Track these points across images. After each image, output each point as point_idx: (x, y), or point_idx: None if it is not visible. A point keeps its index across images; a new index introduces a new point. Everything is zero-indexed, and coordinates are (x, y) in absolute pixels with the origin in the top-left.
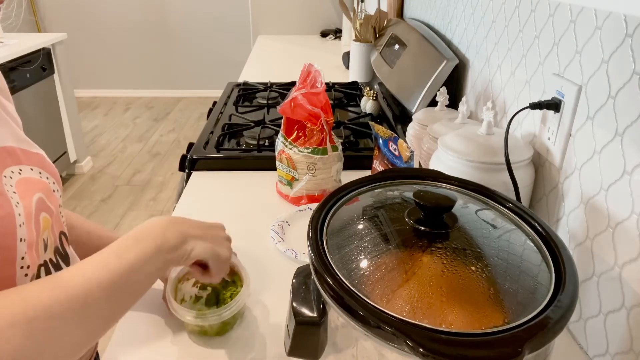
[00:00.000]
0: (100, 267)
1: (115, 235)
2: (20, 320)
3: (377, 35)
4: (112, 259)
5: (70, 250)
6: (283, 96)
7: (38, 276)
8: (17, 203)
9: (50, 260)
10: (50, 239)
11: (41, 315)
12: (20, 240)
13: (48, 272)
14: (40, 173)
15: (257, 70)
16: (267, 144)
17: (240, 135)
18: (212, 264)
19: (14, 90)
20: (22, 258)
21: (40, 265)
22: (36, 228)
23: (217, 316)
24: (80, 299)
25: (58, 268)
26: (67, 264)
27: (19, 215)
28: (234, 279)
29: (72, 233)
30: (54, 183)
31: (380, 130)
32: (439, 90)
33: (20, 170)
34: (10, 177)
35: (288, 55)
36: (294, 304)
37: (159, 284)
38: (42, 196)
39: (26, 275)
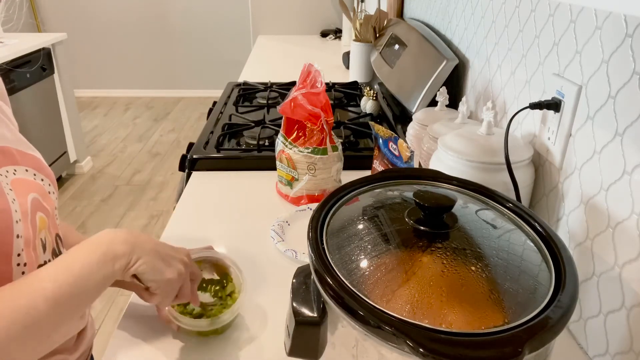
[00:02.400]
0: (49, 279)
1: None
2: None
3: (377, 35)
4: (61, 271)
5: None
6: (283, 96)
7: None
8: (14, 200)
9: (50, 261)
10: (48, 240)
11: None
12: (17, 236)
13: None
14: (35, 175)
15: (257, 70)
16: (267, 144)
17: (240, 135)
18: (152, 281)
19: (13, 90)
20: (19, 255)
21: (39, 266)
22: (32, 227)
23: (229, 314)
24: (25, 314)
25: None
26: None
27: (16, 211)
28: (216, 280)
29: None
30: (49, 185)
31: (380, 130)
32: (439, 90)
33: (15, 170)
34: (6, 176)
35: (288, 55)
36: (294, 304)
37: None
38: (37, 196)
39: (23, 273)
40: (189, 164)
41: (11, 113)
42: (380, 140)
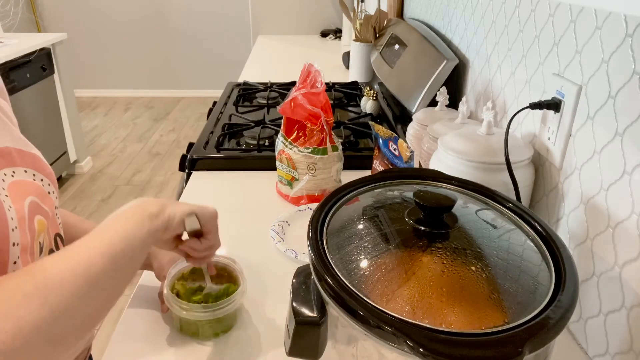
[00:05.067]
0: (95, 241)
1: None
2: (32, 290)
3: (377, 35)
4: (104, 233)
5: None
6: (283, 96)
7: None
8: (10, 207)
9: None
10: (45, 242)
11: (52, 284)
12: (13, 244)
13: None
14: (34, 175)
15: (257, 70)
16: (267, 144)
17: (240, 135)
18: (201, 217)
19: (14, 90)
20: (15, 262)
21: None
22: (31, 232)
23: (210, 312)
24: (85, 268)
25: None
26: None
27: (12, 219)
28: (229, 283)
29: (70, 232)
30: (49, 185)
31: (380, 130)
32: (439, 90)
33: (14, 172)
34: (3, 180)
35: (288, 55)
36: (294, 304)
37: (155, 282)
38: (36, 199)
39: None
40: (189, 164)
41: (11, 110)
42: (380, 140)
